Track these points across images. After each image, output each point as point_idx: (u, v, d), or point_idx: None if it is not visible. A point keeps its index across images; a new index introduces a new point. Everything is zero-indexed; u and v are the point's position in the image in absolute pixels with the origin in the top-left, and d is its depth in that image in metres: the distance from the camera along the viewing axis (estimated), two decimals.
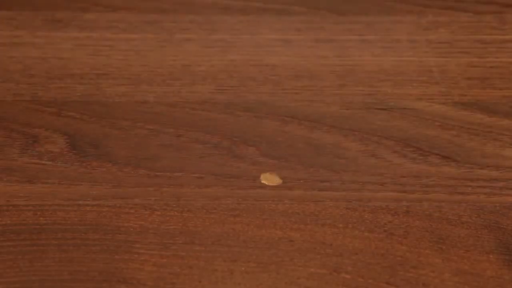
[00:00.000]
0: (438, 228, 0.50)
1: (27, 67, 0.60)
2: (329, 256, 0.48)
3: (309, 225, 0.50)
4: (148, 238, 0.49)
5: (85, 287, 0.46)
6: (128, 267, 0.47)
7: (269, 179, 0.53)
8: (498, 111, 0.59)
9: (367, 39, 0.55)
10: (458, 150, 0.56)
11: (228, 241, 0.49)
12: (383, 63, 0.62)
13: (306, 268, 0.48)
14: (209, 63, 0.61)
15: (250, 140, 0.55)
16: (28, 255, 0.47)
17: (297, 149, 0.55)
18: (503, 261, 0.49)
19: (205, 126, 0.56)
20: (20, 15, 0.65)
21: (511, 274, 0.48)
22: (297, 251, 0.49)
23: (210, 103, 0.52)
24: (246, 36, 0.64)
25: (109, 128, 0.54)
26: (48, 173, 0.52)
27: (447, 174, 0.54)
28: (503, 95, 0.60)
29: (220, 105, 0.53)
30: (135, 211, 0.50)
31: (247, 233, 0.49)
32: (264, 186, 0.53)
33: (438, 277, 0.48)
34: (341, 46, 0.63)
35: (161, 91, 0.59)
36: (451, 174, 0.54)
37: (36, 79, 0.59)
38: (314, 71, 0.60)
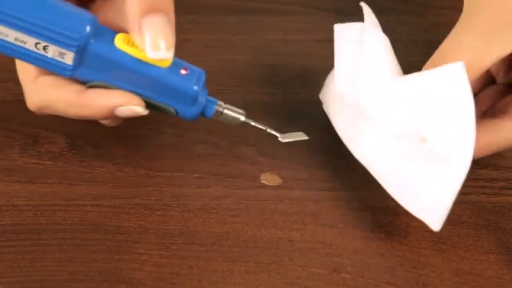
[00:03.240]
0: None
1: None
2: (329, 256, 0.48)
3: (309, 225, 0.50)
4: (148, 238, 0.49)
5: (85, 287, 0.46)
6: (128, 267, 0.47)
7: (269, 179, 0.53)
8: None
9: None
10: None
11: (228, 241, 0.49)
12: None
13: (306, 268, 0.48)
14: (209, 63, 0.61)
15: (250, 140, 0.55)
16: (28, 255, 0.47)
17: (297, 149, 0.55)
18: (503, 261, 0.49)
19: (205, 126, 0.56)
20: None
21: (511, 274, 0.48)
22: (297, 251, 0.49)
23: None
24: (246, 36, 0.64)
25: (109, 128, 0.54)
26: (48, 173, 0.52)
27: None
28: None
29: None
30: (135, 211, 0.50)
31: (247, 233, 0.49)
32: (264, 186, 0.53)
33: (438, 277, 0.48)
34: None
35: None
36: None
37: None
38: (314, 71, 0.60)
